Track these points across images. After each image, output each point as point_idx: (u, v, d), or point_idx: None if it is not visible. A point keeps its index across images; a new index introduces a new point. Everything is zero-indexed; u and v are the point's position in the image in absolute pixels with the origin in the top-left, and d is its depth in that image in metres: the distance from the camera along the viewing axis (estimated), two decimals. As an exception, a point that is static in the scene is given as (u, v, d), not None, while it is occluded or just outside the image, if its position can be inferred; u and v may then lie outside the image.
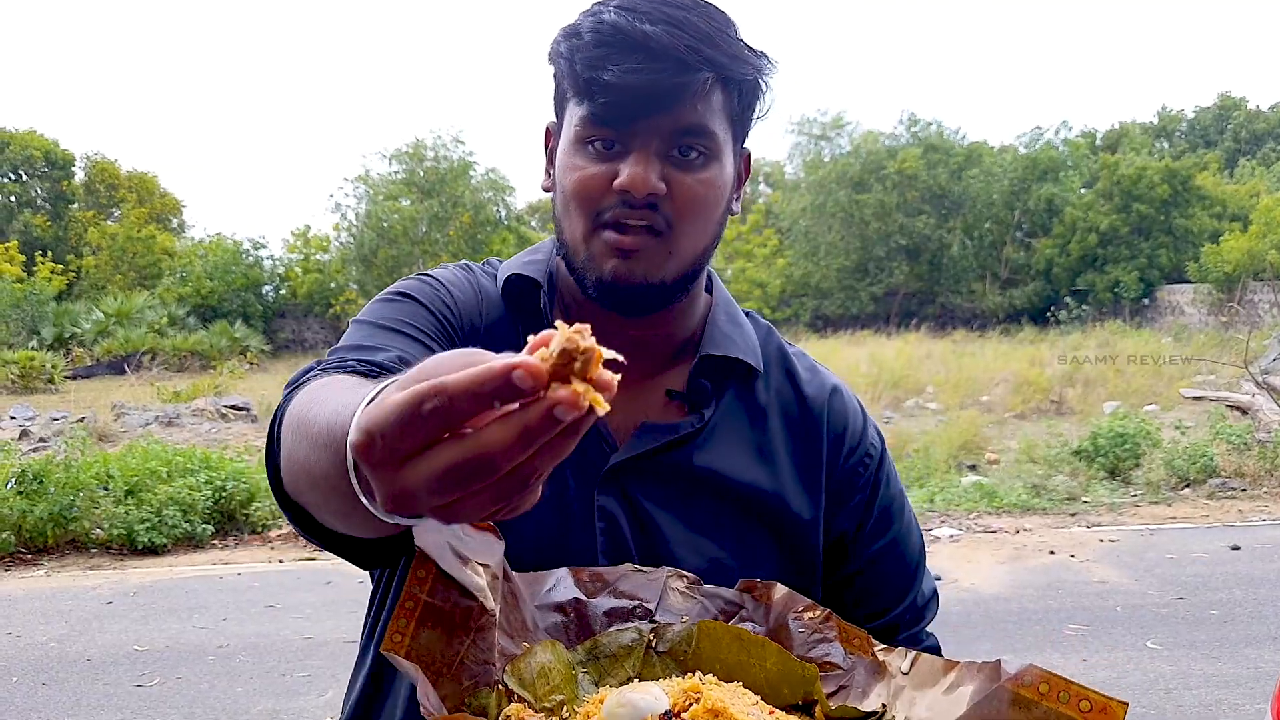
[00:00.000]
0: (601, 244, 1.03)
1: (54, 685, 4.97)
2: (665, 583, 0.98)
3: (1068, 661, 5.04)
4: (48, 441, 10.34)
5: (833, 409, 1.19)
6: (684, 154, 1.02)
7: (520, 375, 0.54)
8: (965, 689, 0.85)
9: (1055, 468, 9.38)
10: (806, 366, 1.23)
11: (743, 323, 1.21)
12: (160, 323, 26.26)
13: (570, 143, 1.05)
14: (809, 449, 1.16)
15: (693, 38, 0.98)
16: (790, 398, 1.18)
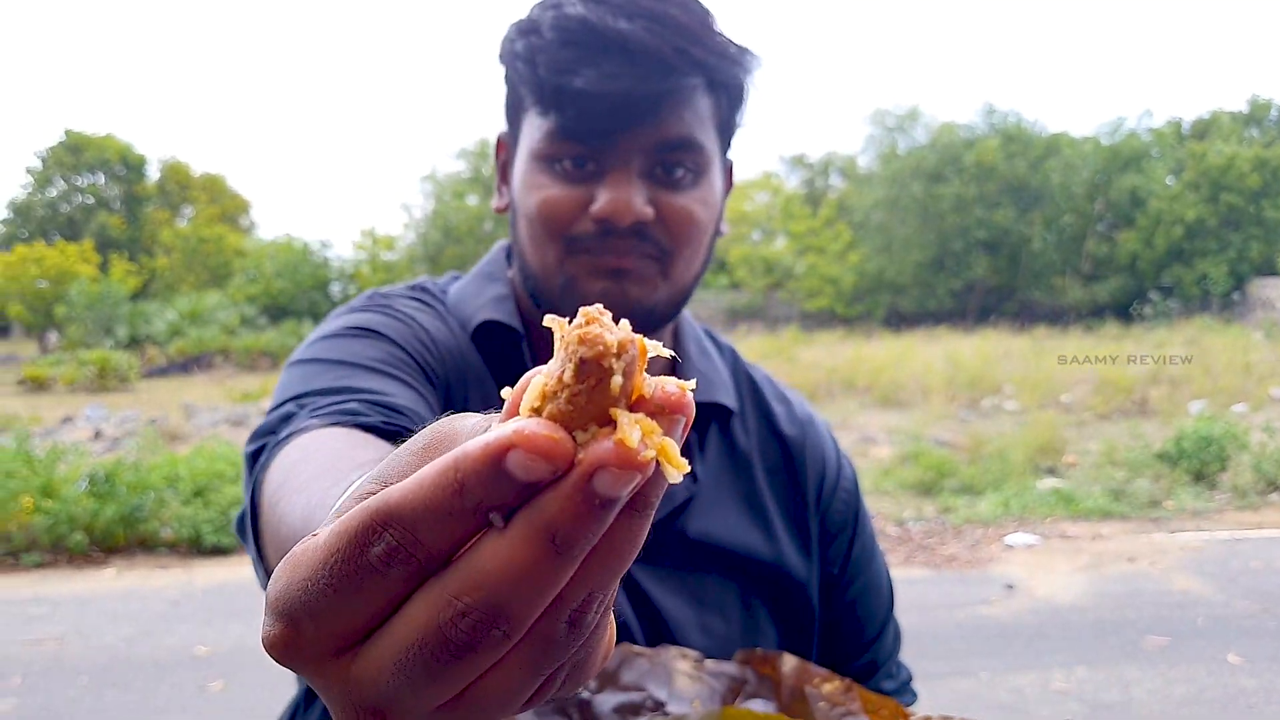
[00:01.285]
0: (583, 265, 0.89)
1: (120, 686, 5.04)
2: (670, 666, 0.88)
3: (1146, 675, 4.84)
4: (119, 442, 10.57)
5: (810, 447, 1.10)
6: (669, 171, 0.88)
7: (520, 460, 0.32)
8: None
9: (1137, 471, 9.09)
10: (777, 398, 1.13)
11: (710, 352, 1.09)
12: (231, 322, 26.85)
13: (532, 159, 0.90)
14: (796, 499, 1.07)
15: (676, 35, 0.84)
16: (769, 440, 1.09)
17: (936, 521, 8.03)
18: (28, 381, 20.36)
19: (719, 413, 1.04)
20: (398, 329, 0.94)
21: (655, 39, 0.83)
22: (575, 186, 0.88)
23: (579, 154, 0.87)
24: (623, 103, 0.84)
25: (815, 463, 1.10)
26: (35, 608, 6.44)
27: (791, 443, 1.09)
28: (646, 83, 0.83)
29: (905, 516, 8.14)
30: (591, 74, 0.83)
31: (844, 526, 1.10)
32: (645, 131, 0.86)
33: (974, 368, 15.48)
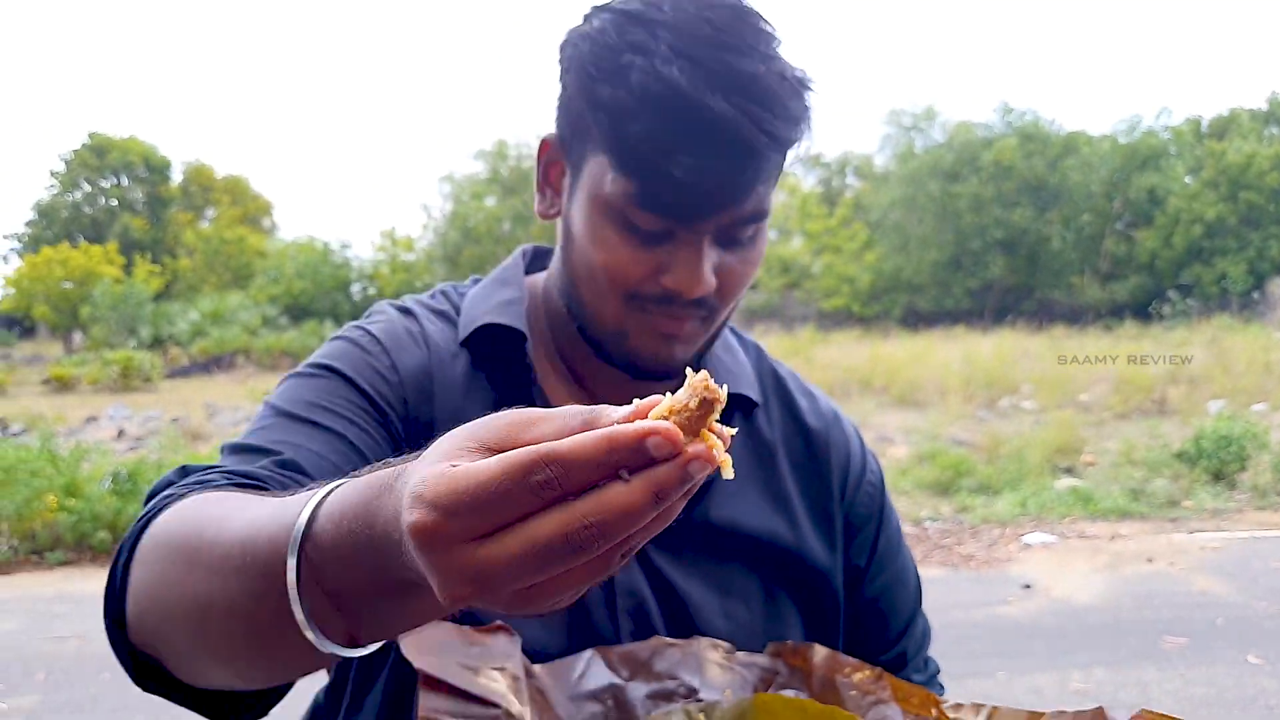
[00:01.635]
0: (639, 323, 0.91)
1: (142, 683, 5.09)
2: (702, 655, 0.90)
3: (1165, 676, 4.82)
4: (142, 441, 10.67)
5: (834, 441, 1.10)
6: (737, 234, 0.89)
7: (658, 443, 0.48)
8: None
9: (1155, 471, 9.04)
10: (802, 392, 1.13)
11: (735, 347, 1.10)
12: (253, 323, 27.03)
13: (600, 207, 0.88)
14: (820, 490, 1.08)
15: (767, 111, 0.82)
16: (793, 432, 1.09)
17: (953, 521, 8.01)
18: (53, 381, 20.55)
19: (741, 403, 1.05)
20: (356, 360, 0.94)
21: (744, 120, 0.81)
22: (645, 250, 0.88)
23: (655, 222, 0.87)
24: (710, 192, 0.84)
25: (840, 456, 1.09)
26: (59, 605, 6.52)
27: (816, 435, 1.09)
28: (735, 174, 0.83)
29: (922, 516, 8.13)
30: (685, 161, 0.82)
31: (868, 520, 1.10)
32: (723, 207, 0.86)
33: (991, 367, 15.41)
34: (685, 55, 0.81)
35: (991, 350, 17.86)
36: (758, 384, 1.08)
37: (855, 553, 1.09)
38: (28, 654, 5.56)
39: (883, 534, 1.11)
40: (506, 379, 0.98)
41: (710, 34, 0.82)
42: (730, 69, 0.81)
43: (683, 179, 0.82)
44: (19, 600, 6.63)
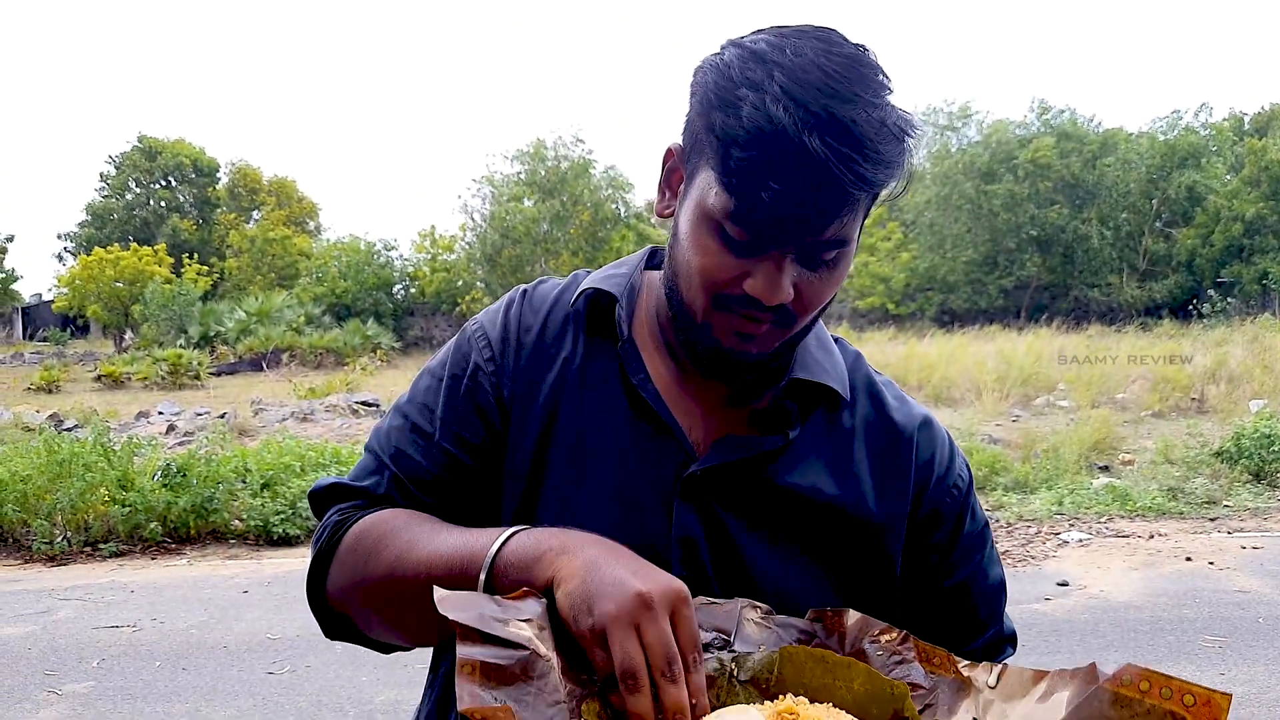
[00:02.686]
0: (721, 321, 1.02)
1: (192, 670, 5.24)
2: (740, 613, 0.98)
3: (1203, 674, 4.82)
4: (191, 436, 10.89)
5: (921, 438, 1.17)
6: (819, 256, 0.99)
7: None
8: (1061, 695, 0.83)
9: (1194, 470, 8.98)
10: (895, 396, 1.20)
11: (832, 349, 1.18)
12: (298, 321, 27.37)
13: (704, 215, 0.99)
14: (895, 471, 1.14)
15: (859, 155, 0.91)
16: (876, 424, 1.16)
17: (989, 519, 8.02)
18: (104, 378, 20.99)
19: (826, 394, 1.13)
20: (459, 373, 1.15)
21: (834, 161, 0.90)
22: (734, 257, 0.98)
23: (746, 237, 0.97)
24: (795, 219, 0.94)
25: (924, 454, 1.16)
26: (112, 594, 6.70)
27: (901, 430, 1.16)
28: (820, 207, 0.93)
29: (958, 513, 8.13)
30: (775, 190, 0.91)
31: (950, 519, 1.16)
32: (807, 233, 0.96)
33: (1027, 365, 15.30)
34: (793, 97, 0.90)
35: (1027, 349, 17.73)
36: (847, 383, 1.16)
37: (930, 550, 1.15)
38: (82, 641, 5.73)
39: (961, 538, 1.16)
40: (598, 329, 1.14)
41: (820, 79, 0.91)
42: (831, 113, 0.90)
43: (772, 204, 0.92)
44: (73, 589, 6.83)
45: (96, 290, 32.06)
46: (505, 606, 0.87)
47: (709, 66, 0.98)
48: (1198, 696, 0.76)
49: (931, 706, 0.91)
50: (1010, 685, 0.88)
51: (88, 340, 38.35)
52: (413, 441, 1.13)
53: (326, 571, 1.08)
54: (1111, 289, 30.19)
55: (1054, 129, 30.78)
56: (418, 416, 1.14)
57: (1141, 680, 0.79)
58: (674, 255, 1.06)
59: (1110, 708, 0.80)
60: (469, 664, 0.81)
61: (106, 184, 44.07)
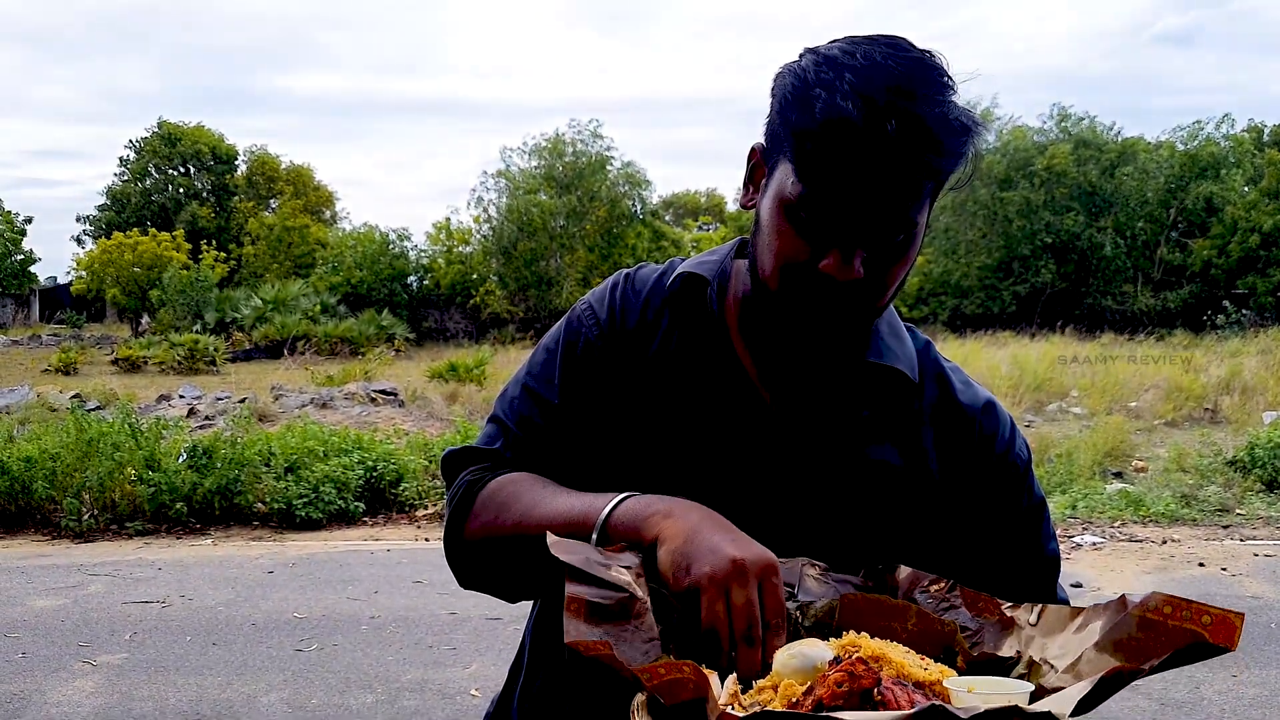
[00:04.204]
0: (797, 295, 1.10)
1: (222, 645, 5.35)
2: (801, 570, 1.08)
3: (1215, 676, 4.88)
4: (213, 420, 11.01)
5: (985, 416, 1.27)
6: (888, 239, 1.06)
7: None
8: (1094, 624, 0.94)
9: (1207, 478, 9.01)
10: (961, 380, 1.30)
11: (904, 336, 1.27)
12: (313, 310, 27.50)
13: (780, 200, 1.09)
14: (959, 446, 1.24)
15: (923, 146, 1.00)
16: (942, 405, 1.26)
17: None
18: (121, 362, 21.18)
19: (895, 378, 1.22)
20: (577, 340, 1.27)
21: (900, 153, 0.99)
22: (809, 238, 1.07)
23: (818, 220, 1.06)
24: (864, 206, 1.02)
25: (987, 428, 1.26)
26: (140, 571, 6.82)
27: (966, 407, 1.26)
28: (888, 192, 1.01)
29: (972, 515, 8.19)
30: (842, 177, 1.01)
31: (1008, 489, 1.26)
32: (875, 221, 1.04)
33: (1040, 372, 15.34)
34: (862, 93, 0.99)
35: (1041, 355, 17.76)
36: (916, 368, 1.26)
37: (995, 514, 1.25)
38: (114, 615, 5.84)
39: (1023, 504, 1.27)
40: (689, 318, 1.25)
41: (886, 78, 1.00)
42: (897, 109, 0.99)
43: (842, 191, 1.02)
44: (102, 565, 6.95)
45: (114, 274, 32.27)
46: (607, 555, 0.98)
47: (787, 72, 1.09)
48: (1214, 616, 0.85)
49: (979, 644, 1.02)
50: (1050, 622, 0.99)
51: (104, 324, 38.58)
52: (533, 407, 1.25)
53: (464, 523, 1.21)
54: (1126, 298, 30.14)
55: (1072, 136, 30.74)
56: (537, 385, 1.26)
57: (1165, 605, 0.89)
58: (756, 241, 1.16)
59: (1138, 629, 0.90)
60: (576, 601, 0.91)
61: (126, 169, 44.34)
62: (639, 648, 0.92)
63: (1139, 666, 0.86)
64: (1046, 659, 0.96)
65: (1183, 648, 0.86)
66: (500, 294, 31.40)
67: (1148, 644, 0.89)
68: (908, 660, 0.90)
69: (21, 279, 39.91)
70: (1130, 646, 0.90)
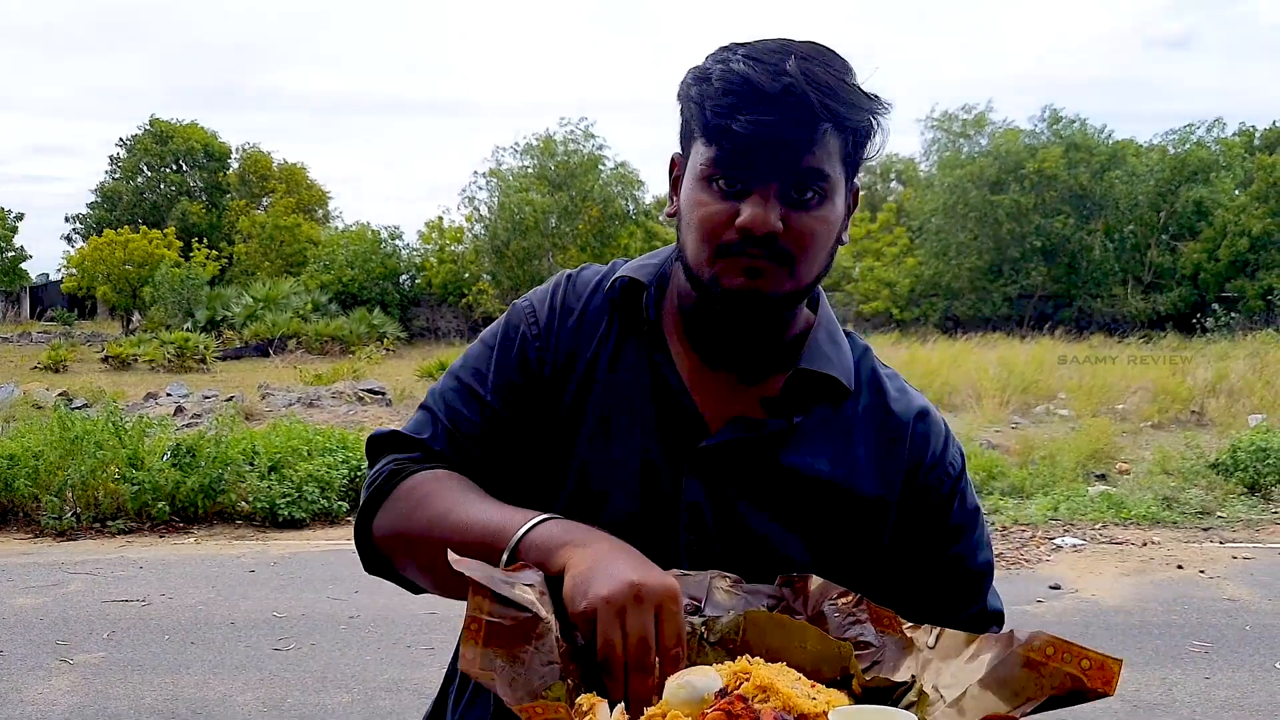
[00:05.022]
0: (727, 265, 1.11)
1: (200, 644, 5.35)
2: (710, 582, 1.08)
3: (1188, 678, 4.91)
4: (200, 418, 11.00)
5: (917, 426, 1.25)
6: (800, 194, 1.09)
7: None
8: (984, 656, 0.94)
9: (1190, 480, 9.05)
10: (897, 388, 1.29)
11: (841, 342, 1.26)
12: (304, 308, 27.47)
13: (696, 178, 1.13)
14: (891, 455, 1.23)
15: (815, 90, 1.05)
16: (877, 413, 1.25)
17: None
18: (111, 359, 21.13)
19: (830, 385, 1.22)
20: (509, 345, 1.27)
21: (796, 93, 1.05)
22: (726, 202, 1.10)
23: (731, 177, 1.09)
24: (767, 143, 1.06)
25: (919, 439, 1.24)
26: (121, 569, 6.82)
27: (899, 416, 1.25)
28: (789, 128, 1.06)
29: (954, 516, 8.21)
30: (745, 119, 1.05)
31: (936, 504, 1.24)
32: (784, 164, 1.08)
33: (1028, 374, 15.38)
34: (753, 58, 1.08)
35: (1030, 357, 17.80)
36: (853, 376, 1.25)
37: (915, 529, 1.24)
38: (93, 614, 5.84)
39: (948, 520, 1.25)
40: (624, 320, 1.25)
41: (779, 47, 1.09)
42: (791, 64, 1.06)
43: (746, 134, 1.05)
44: (83, 564, 6.94)
45: (105, 272, 32.20)
46: (508, 575, 0.97)
47: (688, 71, 1.14)
48: (1093, 661, 0.87)
49: (879, 663, 1.02)
50: (946, 647, 0.99)
51: (95, 321, 38.47)
52: (465, 400, 1.24)
53: (376, 512, 1.20)
54: (1116, 300, 30.21)
55: (1064, 139, 30.81)
56: (470, 378, 1.26)
57: (1048, 646, 0.90)
58: (681, 228, 1.18)
59: (1021, 669, 0.91)
60: (475, 622, 0.91)
61: (117, 166, 44.22)
62: (537, 671, 0.92)
63: (1012, 713, 0.88)
64: (939, 687, 0.96)
65: (1060, 693, 0.87)
66: (493, 293, 31.34)
67: (1028, 685, 0.90)
68: (796, 691, 0.90)
69: (13, 276, 39.78)
70: (1011, 686, 0.91)
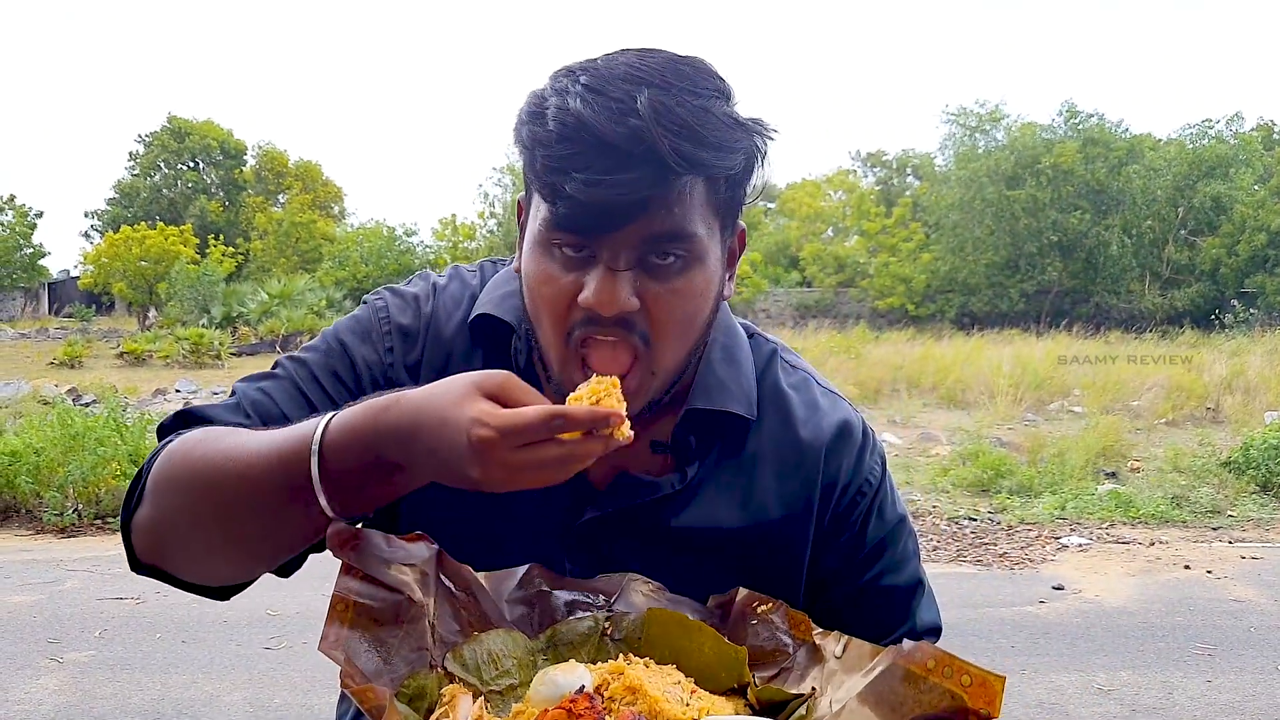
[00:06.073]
0: (574, 358, 0.96)
1: (193, 643, 5.33)
2: (627, 583, 1.02)
3: (1190, 681, 4.82)
4: (205, 415, 11.00)
5: (829, 452, 1.12)
6: (661, 257, 0.92)
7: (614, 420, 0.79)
8: (878, 669, 0.88)
9: (1201, 479, 8.93)
10: (806, 403, 1.14)
11: (739, 360, 1.11)
12: (319, 305, 27.55)
13: (534, 240, 0.95)
14: (800, 487, 1.11)
15: (671, 133, 0.86)
16: (784, 445, 1.11)
17: (990, 520, 8.01)
18: (127, 355, 21.20)
19: (729, 419, 1.08)
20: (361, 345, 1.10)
21: (646, 139, 0.85)
22: (569, 273, 0.92)
23: (572, 243, 0.92)
24: (609, 207, 0.87)
25: (831, 468, 1.11)
26: (119, 567, 6.77)
27: (808, 446, 1.11)
28: (634, 187, 0.86)
29: (959, 514, 8.14)
30: (581, 178, 0.86)
31: (853, 525, 1.12)
32: (633, 229, 0.89)
33: (1042, 370, 15.24)
34: (596, 90, 0.87)
35: (1044, 354, 17.65)
36: (753, 401, 1.10)
37: (831, 557, 1.13)
38: (86, 613, 5.82)
39: (866, 539, 1.13)
40: (494, 358, 1.08)
41: (626, 73, 0.89)
42: (636, 99, 0.86)
43: (581, 192, 0.86)
44: (81, 561, 6.93)
45: (122, 268, 32.36)
46: (395, 547, 0.91)
47: (528, 93, 0.94)
48: (974, 677, 0.80)
49: (789, 670, 0.96)
50: (852, 658, 0.93)
51: (112, 317, 38.70)
52: (282, 390, 1.07)
53: (143, 492, 0.97)
54: (1133, 296, 29.97)
55: (1081, 134, 30.55)
56: (295, 370, 1.09)
57: (930, 659, 0.83)
58: (525, 303, 1.00)
59: (901, 683, 0.85)
60: (343, 602, 0.86)
61: (135, 163, 44.55)
62: (405, 656, 0.87)
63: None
64: (833, 700, 0.90)
65: (940, 712, 0.81)
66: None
67: (906, 700, 0.83)
68: (668, 695, 0.86)
69: (31, 272, 40.08)
70: (889, 701, 0.84)
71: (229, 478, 0.89)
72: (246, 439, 0.90)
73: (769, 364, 1.15)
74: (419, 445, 0.81)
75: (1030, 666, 4.92)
